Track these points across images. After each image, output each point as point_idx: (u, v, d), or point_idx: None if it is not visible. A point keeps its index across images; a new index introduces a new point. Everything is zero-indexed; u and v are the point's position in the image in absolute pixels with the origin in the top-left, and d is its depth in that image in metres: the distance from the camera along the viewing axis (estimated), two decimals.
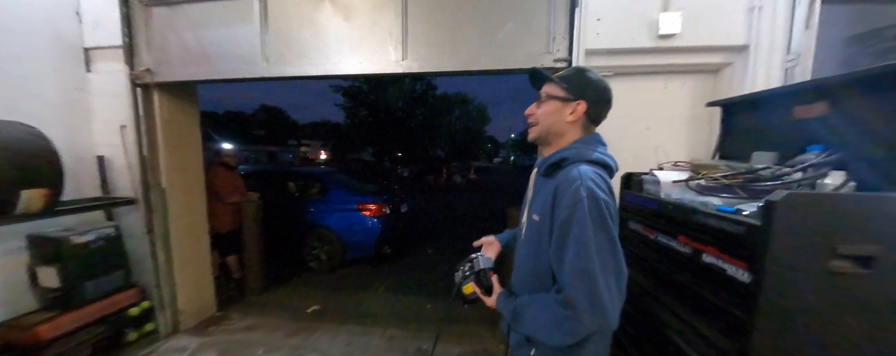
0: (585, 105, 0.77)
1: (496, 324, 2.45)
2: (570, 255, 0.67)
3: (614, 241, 0.67)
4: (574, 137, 0.80)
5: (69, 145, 2.11)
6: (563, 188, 0.70)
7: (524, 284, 0.85)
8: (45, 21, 2.12)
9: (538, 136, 0.83)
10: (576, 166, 0.71)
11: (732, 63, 1.80)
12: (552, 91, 0.80)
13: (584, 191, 0.66)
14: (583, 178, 0.68)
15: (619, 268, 0.68)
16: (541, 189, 0.81)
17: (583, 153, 0.75)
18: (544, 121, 0.81)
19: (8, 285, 1.90)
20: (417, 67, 1.78)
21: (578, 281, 0.65)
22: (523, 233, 0.86)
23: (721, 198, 0.98)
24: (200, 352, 2.15)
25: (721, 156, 1.36)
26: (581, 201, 0.66)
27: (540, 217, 0.77)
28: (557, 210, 0.70)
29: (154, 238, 2.22)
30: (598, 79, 0.79)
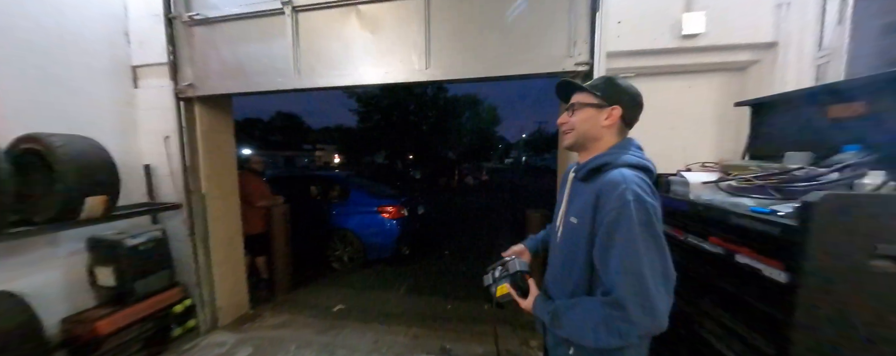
0: (621, 109, 0.80)
1: (517, 324, 2.48)
2: (616, 257, 0.68)
3: (662, 243, 0.68)
4: (610, 141, 0.82)
5: (120, 155, 2.29)
6: (608, 192, 0.71)
7: (560, 286, 0.86)
8: (100, 42, 2.33)
9: (574, 141, 0.86)
10: (618, 170, 0.73)
11: (760, 61, 1.77)
12: (585, 99, 0.83)
13: (630, 194, 0.68)
14: (627, 182, 0.69)
15: (667, 270, 0.69)
16: (579, 193, 0.83)
17: (624, 157, 0.76)
18: (580, 127, 0.83)
19: (71, 283, 2.09)
20: (440, 75, 1.85)
21: (627, 282, 0.66)
22: (559, 236, 0.88)
23: (754, 199, 0.98)
24: (237, 348, 2.29)
25: (751, 156, 1.35)
26: (627, 204, 0.67)
27: (578, 220, 0.79)
28: (602, 213, 0.71)
29: (195, 240, 2.38)
30: (629, 85, 0.83)
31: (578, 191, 0.84)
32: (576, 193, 0.85)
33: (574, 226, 0.81)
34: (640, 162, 0.77)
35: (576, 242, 0.80)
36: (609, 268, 0.69)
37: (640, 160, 0.78)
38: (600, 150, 0.82)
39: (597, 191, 0.74)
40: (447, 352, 2.20)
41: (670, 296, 0.69)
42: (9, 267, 1.82)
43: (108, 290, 2.08)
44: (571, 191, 0.88)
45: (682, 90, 1.89)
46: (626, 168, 0.74)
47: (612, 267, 0.69)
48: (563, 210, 0.89)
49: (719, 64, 1.82)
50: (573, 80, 0.88)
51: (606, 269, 0.70)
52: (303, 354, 2.18)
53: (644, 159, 0.79)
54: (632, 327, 0.66)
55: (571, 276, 0.83)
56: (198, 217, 2.40)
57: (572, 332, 0.76)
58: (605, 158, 0.78)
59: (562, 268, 0.87)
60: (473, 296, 3.12)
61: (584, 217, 0.77)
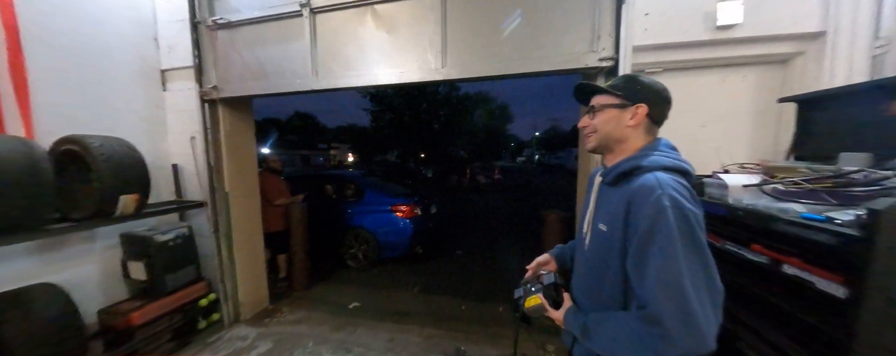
0: (646, 107, 0.75)
1: (534, 328, 2.42)
2: (653, 269, 0.62)
3: (706, 254, 0.62)
4: (638, 141, 0.77)
5: (150, 155, 2.41)
6: (641, 197, 0.66)
7: (590, 297, 0.82)
8: (132, 48, 2.45)
9: (598, 144, 0.82)
10: (651, 174, 0.68)
11: (804, 52, 1.64)
12: (605, 100, 0.79)
13: (667, 200, 0.62)
14: (663, 187, 0.64)
15: (713, 283, 0.62)
16: (608, 198, 0.78)
17: (657, 160, 0.71)
18: (603, 128, 0.79)
19: (106, 276, 2.22)
20: (457, 74, 1.82)
21: (665, 295, 0.60)
22: (586, 244, 0.83)
23: (805, 205, 0.90)
24: (259, 342, 2.36)
25: (797, 157, 1.25)
26: (664, 211, 0.62)
27: (608, 227, 0.74)
28: (634, 221, 0.66)
29: (219, 237, 2.47)
30: (652, 81, 0.78)
31: (607, 196, 0.80)
32: (604, 199, 0.81)
33: (603, 233, 0.76)
34: (676, 163, 0.71)
35: (606, 251, 0.75)
36: (645, 280, 0.64)
37: (675, 162, 0.71)
38: (628, 152, 0.77)
39: (628, 197, 0.69)
40: (462, 353, 2.18)
41: (718, 313, 0.62)
42: (51, 260, 1.95)
43: (139, 284, 2.19)
44: (599, 197, 0.83)
45: (715, 85, 1.77)
46: (661, 171, 0.69)
47: (649, 280, 0.63)
48: (590, 216, 0.84)
49: (757, 57, 1.69)
50: (591, 82, 0.84)
51: (642, 282, 0.65)
52: (319, 351, 2.22)
53: (680, 160, 0.73)
54: (670, 346, 0.60)
55: (603, 287, 0.78)
56: (221, 215, 2.49)
57: (604, 348, 0.72)
58: (635, 161, 0.72)
59: (590, 278, 0.82)
60: (488, 297, 3.09)
61: (615, 224, 0.72)
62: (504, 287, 3.33)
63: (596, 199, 0.84)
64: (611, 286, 0.75)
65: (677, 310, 0.59)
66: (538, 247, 2.51)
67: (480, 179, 14.96)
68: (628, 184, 0.71)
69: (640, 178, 0.69)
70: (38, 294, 1.64)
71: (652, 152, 0.73)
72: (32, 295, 1.62)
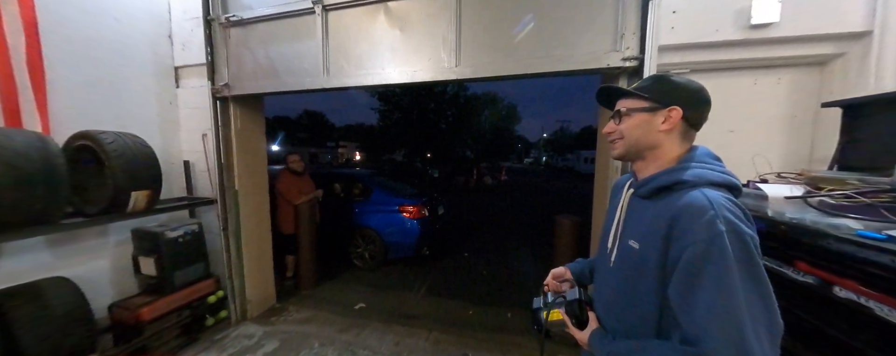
0: (681, 110, 0.67)
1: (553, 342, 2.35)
2: (705, 300, 0.55)
3: (766, 286, 0.56)
4: (674, 148, 0.70)
5: (162, 151, 2.43)
6: (689, 218, 0.58)
7: (617, 318, 0.75)
8: (147, 45, 2.47)
9: (625, 151, 0.74)
10: (699, 191, 0.60)
11: (845, 54, 1.53)
12: (633, 104, 0.72)
13: (722, 223, 0.55)
14: (716, 208, 0.57)
15: (773, 319, 0.55)
16: (641, 213, 0.71)
17: (702, 173, 0.63)
18: (632, 134, 0.72)
19: (118, 271, 2.24)
20: (471, 73, 1.76)
21: (719, 330, 0.53)
22: (612, 261, 0.76)
23: (859, 221, 0.82)
24: (265, 341, 2.35)
25: (841, 167, 1.15)
26: (719, 236, 0.54)
27: (640, 245, 0.68)
28: (679, 243, 0.59)
29: (228, 234, 2.47)
30: (686, 81, 0.70)
31: (640, 210, 0.72)
32: (636, 212, 0.74)
33: (634, 251, 0.69)
34: (725, 178, 0.63)
35: (637, 270, 0.68)
36: (694, 313, 0.56)
37: (723, 176, 0.64)
38: (664, 161, 0.70)
39: (670, 215, 0.61)
40: None
41: (776, 353, 0.55)
42: (65, 254, 1.97)
43: (149, 279, 2.20)
44: (629, 210, 0.76)
45: (746, 88, 1.67)
46: (708, 187, 0.61)
47: (699, 311, 0.56)
48: (617, 231, 0.77)
49: (793, 58, 1.59)
50: (616, 85, 0.78)
51: (690, 314, 0.57)
52: (326, 353, 2.20)
53: (728, 174, 0.65)
54: None
55: (632, 309, 0.71)
56: (231, 212, 2.49)
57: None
58: (678, 175, 0.64)
59: (618, 298, 0.75)
60: (495, 302, 3.02)
61: (650, 243, 0.65)
62: (512, 292, 3.26)
63: (625, 212, 0.77)
64: (642, 308, 0.69)
65: (732, 348, 0.52)
66: (549, 253, 2.44)
67: (487, 180, 14.85)
68: (669, 199, 0.64)
69: (686, 196, 0.61)
70: (50, 288, 1.65)
71: (695, 164, 0.66)
72: (45, 288, 1.63)
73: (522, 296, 3.13)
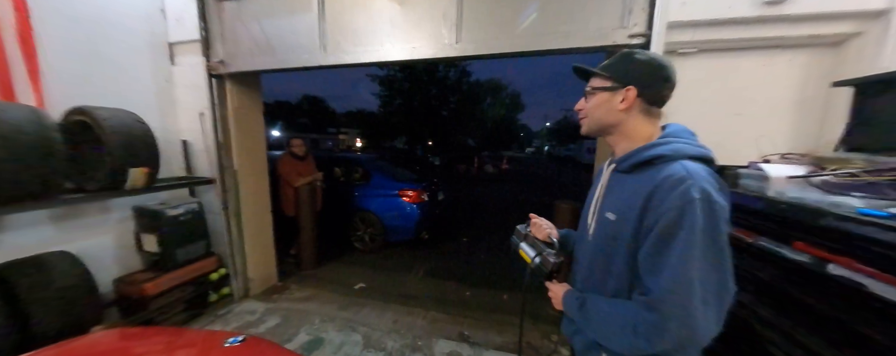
0: (636, 89, 0.70)
1: (539, 317, 2.41)
2: (670, 262, 0.59)
3: (724, 255, 0.59)
4: (638, 126, 0.72)
5: (160, 130, 2.40)
6: (666, 187, 0.61)
7: (593, 289, 0.79)
8: (140, 19, 2.39)
9: (589, 129, 0.79)
10: (678, 163, 0.63)
11: (863, 33, 1.46)
12: (597, 83, 0.75)
13: (696, 191, 0.58)
14: (694, 177, 0.60)
15: (723, 286, 0.60)
16: (620, 187, 0.74)
17: (681, 148, 0.66)
18: (593, 113, 0.76)
19: (121, 247, 2.27)
20: (472, 50, 1.70)
21: (673, 288, 0.58)
22: (590, 233, 0.79)
23: (862, 199, 0.80)
24: (267, 317, 2.42)
25: (849, 147, 1.12)
26: (692, 202, 0.58)
27: (617, 216, 0.70)
28: (655, 212, 0.62)
29: (228, 214, 2.49)
30: (648, 58, 0.71)
31: (619, 184, 0.75)
32: (615, 187, 0.76)
33: (611, 222, 0.72)
34: (701, 151, 0.67)
35: (612, 241, 0.71)
36: (659, 272, 0.61)
37: (699, 150, 0.67)
38: (634, 137, 0.73)
39: (650, 187, 0.64)
40: (466, 338, 2.18)
41: (720, 317, 0.60)
42: (68, 229, 2.00)
43: (152, 256, 2.24)
44: (609, 185, 0.78)
45: (756, 69, 1.61)
46: (688, 160, 0.64)
47: (663, 274, 0.60)
48: (596, 204, 0.80)
49: (808, 37, 1.52)
50: (584, 66, 0.80)
51: (655, 273, 0.62)
52: (326, 328, 2.26)
53: (703, 147, 0.69)
54: (661, 336, 0.60)
55: (607, 280, 0.74)
56: (230, 192, 2.50)
57: (597, 329, 0.72)
58: (658, 150, 0.67)
59: (593, 268, 0.78)
60: (492, 284, 3.08)
61: (626, 214, 0.68)
62: (509, 275, 3.32)
63: (605, 187, 0.79)
64: (616, 278, 0.72)
65: (680, 305, 0.58)
66: None
67: (488, 169, 14.83)
68: (649, 173, 0.67)
69: (665, 168, 0.64)
70: (54, 261, 1.69)
71: (674, 140, 0.68)
72: (49, 262, 1.66)
73: (518, 279, 3.18)
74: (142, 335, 1.22)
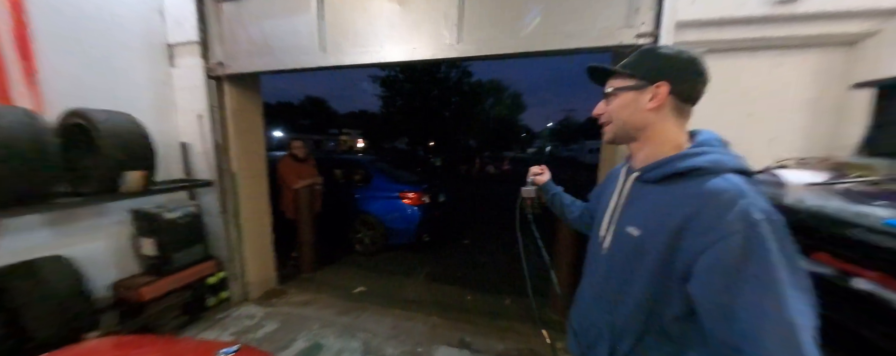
0: (668, 85, 0.62)
1: (543, 322, 2.36)
2: (752, 302, 0.48)
3: (807, 278, 0.50)
4: (668, 127, 0.65)
5: (159, 132, 2.38)
6: (716, 207, 0.52)
7: (608, 310, 0.70)
8: (139, 20, 2.36)
9: (614, 135, 0.72)
10: (722, 178, 0.54)
11: (880, 32, 1.40)
12: (619, 83, 0.68)
13: (757, 212, 0.49)
14: (746, 195, 0.51)
15: (814, 312, 0.49)
16: (645, 199, 0.66)
17: (721, 160, 0.57)
18: (619, 115, 0.68)
19: (118, 251, 2.24)
20: (473, 51, 1.67)
21: (775, 339, 0.46)
22: (604, 247, 0.72)
23: (887, 209, 0.75)
24: (266, 321, 2.38)
25: (870, 152, 1.07)
26: (755, 226, 0.48)
27: (642, 233, 0.62)
28: (702, 235, 0.52)
29: (227, 217, 2.46)
30: (676, 52, 0.64)
31: (642, 196, 0.67)
32: (637, 198, 0.69)
33: (632, 238, 0.64)
34: (740, 164, 0.58)
35: (635, 259, 0.64)
36: (737, 316, 0.49)
37: (740, 163, 0.59)
38: (661, 142, 0.65)
39: (689, 204, 0.56)
40: (467, 345, 2.14)
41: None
42: (64, 233, 1.97)
43: (149, 259, 2.21)
44: (630, 195, 0.71)
45: (767, 70, 1.56)
46: (733, 174, 0.56)
47: (745, 316, 0.49)
48: (612, 216, 0.73)
49: (821, 37, 1.47)
50: (601, 65, 0.73)
51: (731, 321, 0.50)
52: (325, 334, 2.23)
53: (741, 158, 0.60)
54: None
55: (624, 300, 0.67)
56: (229, 195, 2.47)
57: None
58: (695, 161, 0.58)
59: (607, 285, 0.71)
60: (494, 289, 3.03)
61: (655, 232, 0.60)
62: (511, 279, 3.27)
63: (626, 197, 0.71)
64: (635, 300, 0.65)
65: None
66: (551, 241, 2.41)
67: (490, 169, 14.77)
68: (683, 187, 0.59)
69: (707, 184, 0.55)
70: (47, 266, 1.66)
71: (708, 149, 0.60)
72: (42, 267, 1.64)
73: (521, 284, 3.13)
74: (135, 344, 1.19)
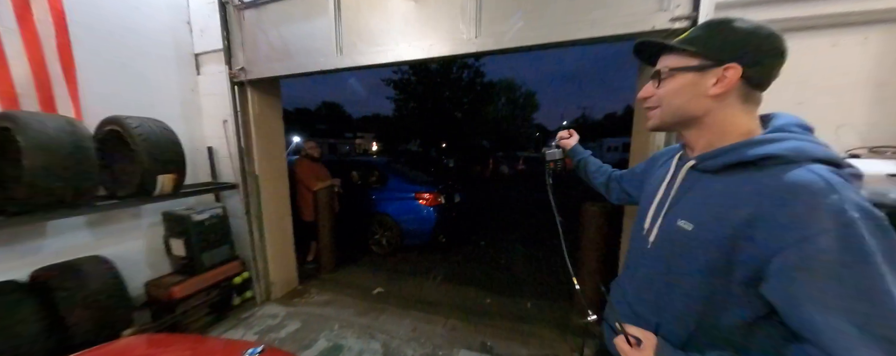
0: (740, 68, 0.53)
1: (566, 327, 2.25)
2: (848, 309, 0.43)
3: None
4: (734, 115, 0.56)
5: (187, 138, 2.49)
6: (800, 202, 0.46)
7: (652, 311, 0.65)
8: (168, 32, 2.49)
9: (662, 122, 0.63)
10: (805, 169, 0.47)
11: None
12: (676, 62, 0.59)
13: (853, 208, 0.43)
14: (838, 190, 0.44)
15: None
16: (701, 190, 0.59)
17: (805, 148, 0.50)
18: (672, 101, 0.60)
19: (151, 251, 2.36)
20: (492, 44, 1.61)
21: (879, 349, 0.41)
22: (650, 242, 0.66)
23: None
24: (287, 321, 2.42)
25: None
26: (852, 225, 0.42)
27: (696, 227, 0.56)
28: (783, 233, 0.46)
29: (251, 218, 2.53)
30: (755, 26, 0.54)
31: (699, 187, 0.60)
32: (692, 189, 0.61)
33: (685, 233, 0.58)
34: (830, 155, 0.50)
35: (687, 256, 0.58)
36: (829, 324, 0.44)
37: (828, 152, 0.51)
38: (723, 132, 0.57)
39: (760, 196, 0.49)
40: (488, 349, 2.07)
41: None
42: (103, 234, 2.09)
43: (179, 260, 2.30)
44: (683, 185, 0.63)
45: (822, 51, 1.41)
46: (818, 164, 0.48)
47: (838, 324, 0.43)
48: (660, 207, 0.66)
49: (884, 11, 1.31)
50: (656, 40, 0.63)
51: (823, 327, 0.45)
52: (345, 334, 2.23)
53: (830, 147, 0.52)
54: None
55: (671, 299, 0.61)
56: (252, 197, 2.54)
57: None
58: (771, 148, 0.51)
59: (652, 284, 0.66)
60: (514, 292, 2.94)
61: (712, 227, 0.54)
62: (531, 283, 3.17)
63: (678, 187, 0.64)
64: (684, 303, 0.59)
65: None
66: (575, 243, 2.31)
67: (504, 170, 14.58)
68: (753, 177, 0.52)
69: (787, 174, 0.48)
70: (88, 266, 1.75)
71: (790, 135, 0.52)
72: (84, 267, 1.73)
73: (542, 288, 3.03)
74: (166, 342, 1.23)
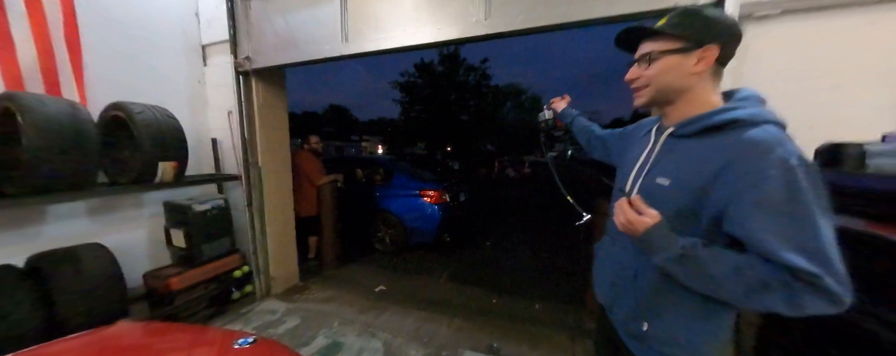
0: (718, 48, 0.63)
1: (582, 331, 2.12)
2: (792, 234, 0.53)
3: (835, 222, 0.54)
4: (706, 89, 0.67)
5: (193, 128, 2.47)
6: (755, 155, 0.55)
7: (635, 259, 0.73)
8: (175, 22, 2.49)
9: (651, 98, 0.71)
10: (760, 128, 0.58)
11: None
12: (663, 46, 0.67)
13: (794, 158, 0.53)
14: (784, 144, 0.55)
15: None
16: (679, 152, 0.68)
17: (760, 113, 0.61)
18: (660, 79, 0.68)
19: (152, 242, 2.32)
20: (504, 26, 1.54)
21: (813, 255, 0.51)
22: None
23: None
24: (287, 317, 2.35)
25: None
26: (793, 170, 0.53)
27: (673, 182, 0.65)
28: (739, 180, 0.56)
29: (253, 211, 2.48)
30: (719, 13, 0.66)
31: (677, 149, 0.69)
32: (671, 151, 0.70)
33: (662, 188, 0.67)
34: (778, 117, 0.61)
35: (661, 205, 0.64)
36: (773, 245, 0.54)
37: (778, 117, 0.61)
38: (699, 103, 0.67)
39: (726, 152, 0.59)
40: (495, 351, 1.96)
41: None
42: (104, 222, 2.06)
43: (179, 250, 2.26)
44: (663, 149, 0.72)
45: (858, 31, 1.30)
46: (770, 125, 0.59)
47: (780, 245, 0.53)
48: (640, 170, 0.74)
49: None
50: (640, 25, 0.72)
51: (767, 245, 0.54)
52: (345, 332, 2.14)
53: (778, 113, 0.62)
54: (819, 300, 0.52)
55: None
56: (255, 189, 2.50)
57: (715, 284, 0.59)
58: (734, 114, 0.61)
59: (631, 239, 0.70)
60: (521, 293, 2.83)
61: (688, 180, 0.63)
62: (539, 283, 3.04)
63: (658, 151, 0.72)
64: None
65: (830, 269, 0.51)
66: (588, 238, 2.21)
67: (510, 173, 14.46)
68: (721, 138, 0.61)
69: (746, 133, 0.58)
70: (86, 253, 1.71)
71: (749, 104, 0.63)
72: (82, 254, 1.69)
73: (550, 289, 2.90)
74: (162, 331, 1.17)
